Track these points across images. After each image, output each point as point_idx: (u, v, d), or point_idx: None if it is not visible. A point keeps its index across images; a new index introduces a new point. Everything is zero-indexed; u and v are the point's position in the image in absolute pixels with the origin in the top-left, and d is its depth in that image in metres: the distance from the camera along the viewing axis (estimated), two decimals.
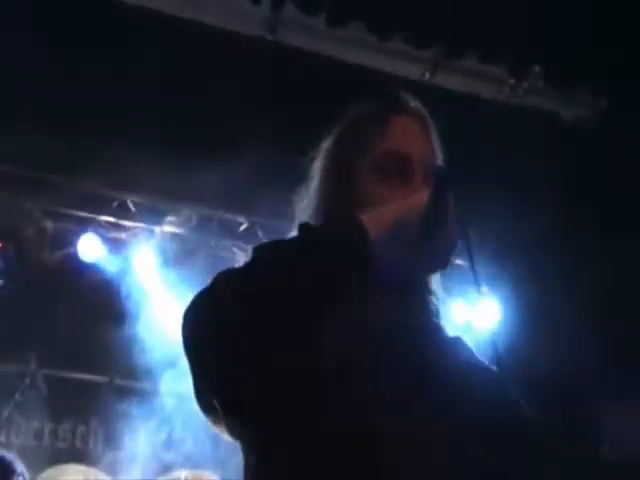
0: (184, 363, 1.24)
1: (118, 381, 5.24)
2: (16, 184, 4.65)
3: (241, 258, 5.00)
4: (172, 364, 4.32)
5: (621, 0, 4.16)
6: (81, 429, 5.38)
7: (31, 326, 4.82)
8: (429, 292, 1.47)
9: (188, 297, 1.27)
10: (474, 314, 4.74)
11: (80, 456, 5.17)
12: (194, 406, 1.26)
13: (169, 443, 4.97)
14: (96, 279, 4.88)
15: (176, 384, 4.33)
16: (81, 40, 4.01)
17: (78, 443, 5.34)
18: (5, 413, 4.99)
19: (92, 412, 5.35)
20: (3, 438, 5.09)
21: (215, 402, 1.21)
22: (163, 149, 4.22)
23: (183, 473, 4.38)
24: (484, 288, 4.51)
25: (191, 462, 4.79)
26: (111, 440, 5.11)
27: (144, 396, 4.82)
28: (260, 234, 4.97)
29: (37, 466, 4.55)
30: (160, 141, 4.20)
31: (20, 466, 2.64)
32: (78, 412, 5.35)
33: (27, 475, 2.62)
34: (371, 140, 1.44)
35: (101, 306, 4.81)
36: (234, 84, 3.97)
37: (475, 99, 4.66)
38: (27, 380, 4.94)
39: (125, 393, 5.03)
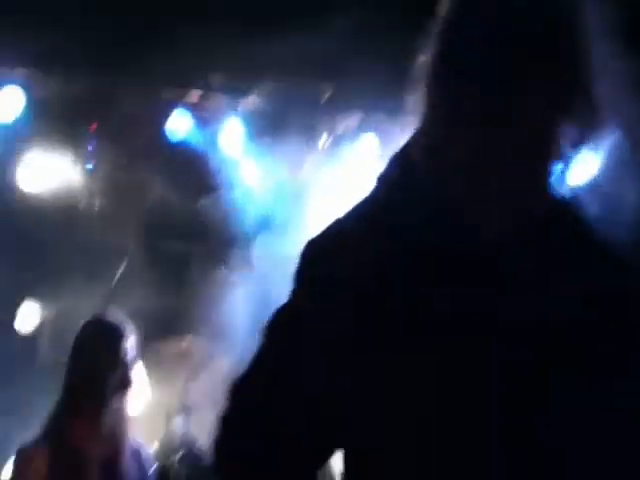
0: (276, 227, 1.30)
1: (213, 249, 5.48)
2: (104, 65, 4.73)
3: (324, 127, 5.06)
4: (265, 228, 4.55)
5: None
6: (181, 299, 5.65)
7: (128, 202, 5.05)
8: None
9: (274, 166, 1.31)
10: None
11: (181, 325, 5.45)
12: (289, 268, 1.33)
13: (266, 305, 5.18)
14: (186, 155, 5.04)
15: (270, 247, 4.53)
16: None
17: (180, 312, 5.62)
18: (109, 286, 5.28)
19: (191, 281, 5.61)
20: None
21: None
22: (244, 22, 4.21)
23: None
24: None
25: None
26: (210, 308, 5.35)
27: (240, 262, 5.03)
28: (344, 101, 5.00)
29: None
30: (240, 14, 4.19)
31: (130, 327, 2.79)
32: (178, 282, 5.62)
33: (135, 338, 2.78)
34: None
35: (193, 180, 5.00)
36: None
37: None
38: (129, 252, 5.18)
39: (221, 261, 5.24)
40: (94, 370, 2.61)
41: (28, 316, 5.41)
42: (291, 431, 1.23)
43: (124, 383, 2.64)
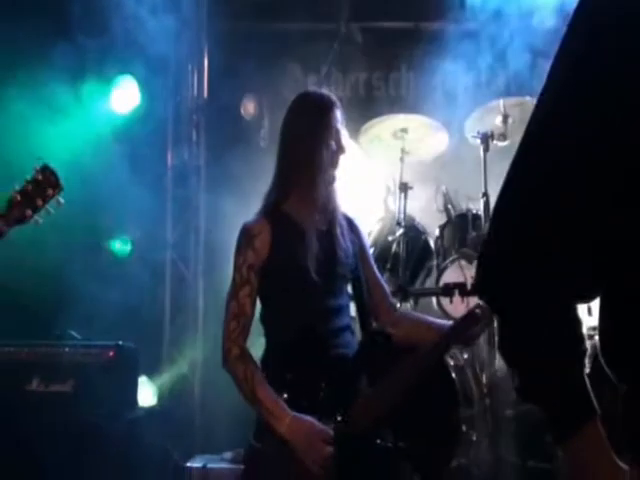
0: None
1: (423, 25, 5.29)
2: None
3: None
4: None
5: None
6: (393, 76, 5.57)
7: None
8: None
9: None
10: None
11: (394, 103, 5.40)
12: None
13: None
14: None
15: None
16: None
17: (391, 90, 5.57)
18: (324, 69, 5.27)
19: (401, 59, 5.50)
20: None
21: None
22: None
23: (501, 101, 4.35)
24: None
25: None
26: (423, 84, 5.23)
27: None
28: None
29: (357, 118, 4.82)
30: None
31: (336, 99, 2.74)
32: (389, 60, 5.53)
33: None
34: None
35: None
36: None
37: None
38: (341, 34, 5.08)
39: (430, 38, 5.06)
40: (307, 141, 2.61)
41: (249, 105, 5.59)
42: (575, 215, 1.12)
43: (336, 153, 2.64)
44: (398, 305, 4.07)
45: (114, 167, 4.75)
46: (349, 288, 2.69)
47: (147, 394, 4.68)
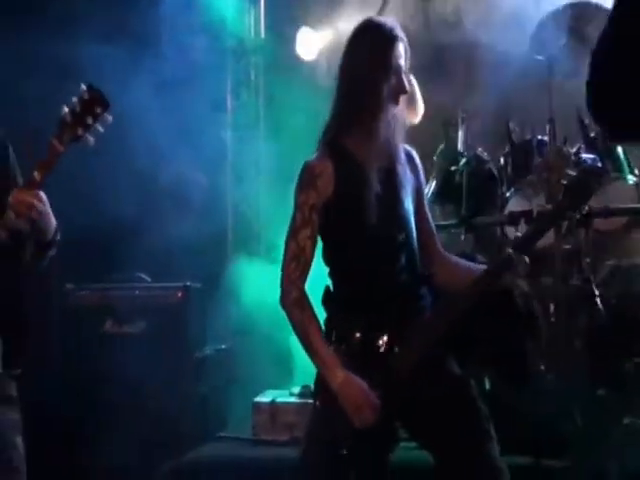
0: None
1: None
2: None
3: None
4: None
5: None
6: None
7: None
8: None
9: None
10: None
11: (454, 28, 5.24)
12: None
13: None
14: None
15: None
16: None
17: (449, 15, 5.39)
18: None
19: None
20: None
21: None
22: None
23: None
24: None
25: None
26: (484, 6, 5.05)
27: None
28: None
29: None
30: None
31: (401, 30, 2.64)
32: None
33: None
34: None
35: None
36: None
37: None
38: None
39: None
40: (366, 77, 2.54)
41: (306, 43, 5.51)
42: None
43: (397, 89, 2.56)
44: (462, 237, 4.04)
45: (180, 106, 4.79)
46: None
47: None
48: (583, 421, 3.36)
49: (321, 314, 2.55)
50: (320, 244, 2.58)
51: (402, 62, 2.55)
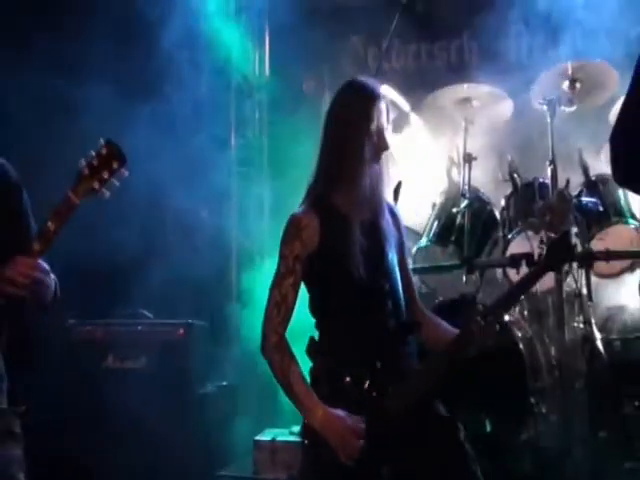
0: None
1: None
2: None
3: None
4: None
5: None
6: (455, 44, 5.49)
7: None
8: None
9: None
10: None
11: (457, 71, 5.32)
12: None
13: None
14: None
15: None
16: None
17: (454, 59, 5.49)
18: (385, 41, 5.22)
19: (465, 27, 5.40)
20: (386, 65, 5.39)
21: None
22: None
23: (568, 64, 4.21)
24: None
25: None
26: (485, 52, 5.14)
27: None
28: None
29: (418, 88, 4.77)
30: None
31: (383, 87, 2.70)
32: (450, 29, 5.44)
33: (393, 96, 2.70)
34: None
35: None
36: None
37: None
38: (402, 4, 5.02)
39: (491, 3, 4.95)
40: (349, 133, 2.60)
41: (310, 81, 5.59)
42: None
43: (379, 147, 2.63)
44: (464, 278, 4.06)
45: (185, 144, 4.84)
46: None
47: None
48: (585, 463, 3.36)
49: (305, 363, 2.58)
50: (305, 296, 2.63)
51: (384, 120, 2.63)
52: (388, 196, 2.77)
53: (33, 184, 2.52)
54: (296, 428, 4.08)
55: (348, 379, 2.51)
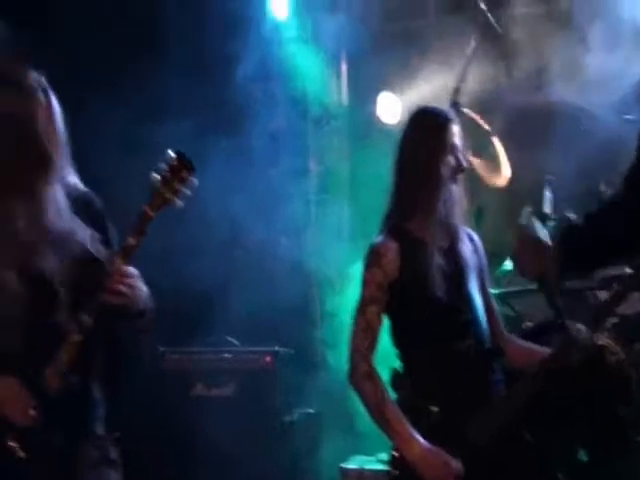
0: None
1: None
2: None
3: None
4: None
5: None
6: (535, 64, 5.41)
7: None
8: None
9: None
10: None
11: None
12: None
13: None
14: None
15: None
16: None
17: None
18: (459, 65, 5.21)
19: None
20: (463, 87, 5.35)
21: None
22: None
23: None
24: None
25: None
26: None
27: None
28: None
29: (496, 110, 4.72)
30: None
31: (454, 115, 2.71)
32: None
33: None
34: None
35: None
36: None
37: None
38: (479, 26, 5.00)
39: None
40: (423, 159, 2.61)
41: (388, 107, 5.60)
42: None
43: (456, 168, 2.62)
44: None
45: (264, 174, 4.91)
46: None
47: None
48: None
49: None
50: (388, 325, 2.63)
51: (457, 140, 2.63)
52: (466, 220, 2.75)
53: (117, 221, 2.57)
54: (383, 455, 4.05)
55: (435, 409, 2.48)
